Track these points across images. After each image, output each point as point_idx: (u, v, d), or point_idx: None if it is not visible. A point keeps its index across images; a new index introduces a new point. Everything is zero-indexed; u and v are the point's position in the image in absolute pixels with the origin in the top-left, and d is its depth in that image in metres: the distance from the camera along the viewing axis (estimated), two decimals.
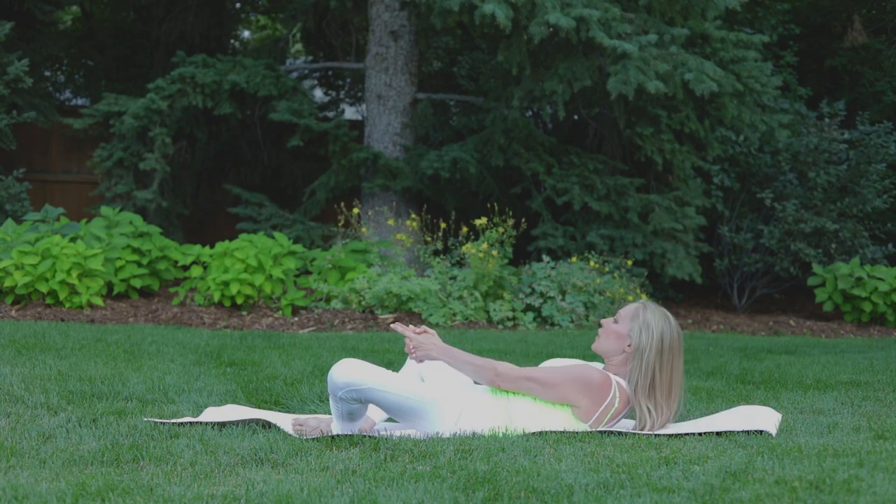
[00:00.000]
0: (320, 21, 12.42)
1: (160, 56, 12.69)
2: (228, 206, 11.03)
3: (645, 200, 10.02)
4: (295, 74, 12.39)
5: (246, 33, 16.57)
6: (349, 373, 3.54)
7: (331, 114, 13.58)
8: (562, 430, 3.65)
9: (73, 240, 8.70)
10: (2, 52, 10.07)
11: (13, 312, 7.96)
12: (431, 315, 8.52)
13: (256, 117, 11.05)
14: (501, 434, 3.60)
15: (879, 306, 9.86)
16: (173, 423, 3.76)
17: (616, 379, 3.75)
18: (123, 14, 14.22)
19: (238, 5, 14.68)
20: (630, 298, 8.98)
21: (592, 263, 9.22)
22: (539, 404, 3.71)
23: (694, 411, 4.31)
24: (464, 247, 8.97)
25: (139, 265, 8.90)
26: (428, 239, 9.49)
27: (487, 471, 3.01)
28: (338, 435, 3.58)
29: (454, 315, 8.64)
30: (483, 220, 9.09)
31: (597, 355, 3.91)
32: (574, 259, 9.29)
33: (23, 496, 2.70)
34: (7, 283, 8.10)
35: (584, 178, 10.07)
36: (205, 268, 9.00)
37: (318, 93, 14.35)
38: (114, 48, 13.78)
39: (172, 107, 10.29)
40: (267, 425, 3.74)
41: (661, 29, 9.18)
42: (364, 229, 9.65)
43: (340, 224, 9.76)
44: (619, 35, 8.95)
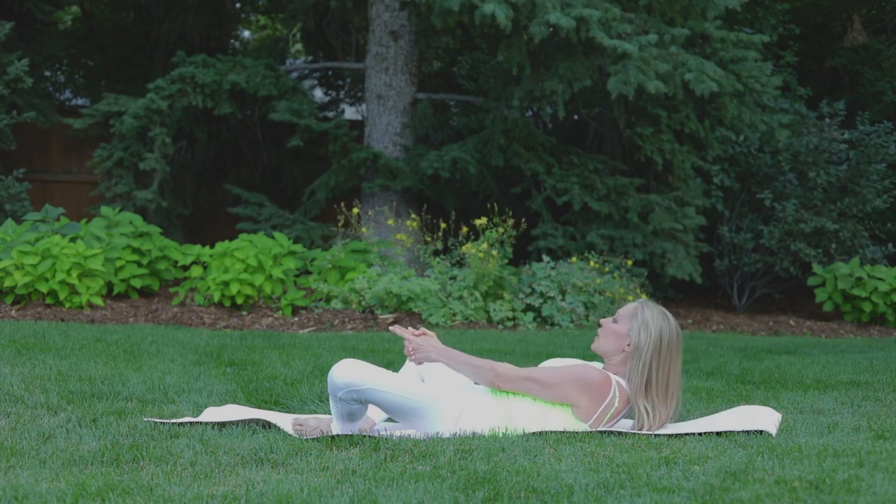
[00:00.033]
0: (320, 21, 12.42)
1: (160, 56, 12.69)
2: (228, 206, 11.02)
3: (645, 200, 10.01)
4: (295, 74, 12.39)
5: (246, 33, 16.57)
6: (349, 373, 3.54)
7: (331, 114, 13.58)
8: (562, 430, 3.65)
9: (73, 240, 8.70)
10: (2, 52, 10.07)
11: (13, 312, 7.96)
12: (431, 315, 8.51)
13: (256, 117, 11.04)
14: (501, 434, 3.60)
15: (879, 306, 9.86)
16: (173, 423, 3.76)
17: (616, 378, 3.75)
18: (123, 14, 14.23)
19: (238, 5, 14.68)
20: (630, 298, 8.97)
21: (592, 263, 9.22)
22: (539, 404, 3.71)
23: (694, 411, 4.31)
24: (464, 247, 8.97)
25: (139, 265, 8.90)
26: (428, 239, 9.49)
27: (487, 471, 3.01)
28: (338, 435, 3.58)
29: (454, 315, 8.64)
30: (483, 220, 9.09)
31: (596, 355, 3.92)
32: (574, 259, 9.28)
33: (23, 496, 2.70)
34: (7, 283, 8.10)
35: (584, 178, 10.07)
36: (205, 268, 9.00)
37: (318, 93, 14.35)
38: (114, 48, 13.78)
39: (172, 107, 10.29)
40: (267, 425, 3.73)
41: (661, 29, 9.18)
42: (364, 229, 9.64)
43: (340, 224, 9.76)
44: (620, 35, 8.95)
